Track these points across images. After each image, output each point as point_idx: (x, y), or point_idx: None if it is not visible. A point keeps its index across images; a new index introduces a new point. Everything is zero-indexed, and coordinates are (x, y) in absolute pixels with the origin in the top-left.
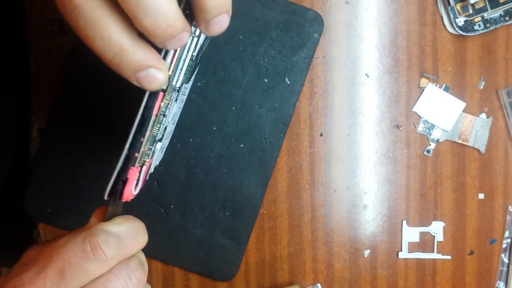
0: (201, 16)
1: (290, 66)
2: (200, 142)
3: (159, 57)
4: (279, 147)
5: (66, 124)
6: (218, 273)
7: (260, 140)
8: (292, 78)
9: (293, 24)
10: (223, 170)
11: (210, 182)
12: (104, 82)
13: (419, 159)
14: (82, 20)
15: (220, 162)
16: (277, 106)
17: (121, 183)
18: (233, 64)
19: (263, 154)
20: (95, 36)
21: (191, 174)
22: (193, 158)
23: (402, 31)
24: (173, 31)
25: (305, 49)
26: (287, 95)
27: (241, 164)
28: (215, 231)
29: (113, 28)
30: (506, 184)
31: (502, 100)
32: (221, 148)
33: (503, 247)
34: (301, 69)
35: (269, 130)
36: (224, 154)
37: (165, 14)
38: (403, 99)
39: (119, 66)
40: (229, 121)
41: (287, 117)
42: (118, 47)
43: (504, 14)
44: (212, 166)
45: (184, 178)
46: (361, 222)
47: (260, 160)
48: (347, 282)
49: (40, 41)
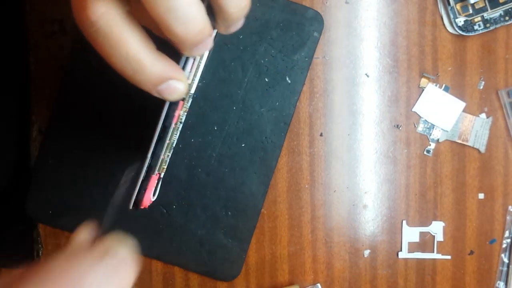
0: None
1: (291, 65)
2: (201, 142)
3: (178, 68)
4: (280, 146)
5: (66, 124)
6: (221, 273)
7: (261, 140)
8: (293, 77)
9: (293, 23)
10: (225, 170)
11: (211, 182)
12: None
13: (419, 159)
14: (100, 37)
15: (221, 162)
16: (278, 106)
17: (143, 191)
18: (233, 63)
19: (264, 154)
20: (113, 53)
21: (192, 174)
22: (194, 158)
23: (402, 31)
24: (202, 37)
25: (305, 48)
26: (287, 94)
27: (243, 164)
28: (217, 231)
29: (132, 44)
30: (506, 184)
31: (502, 100)
32: (223, 148)
33: (503, 247)
34: (302, 68)
35: (270, 129)
36: (226, 154)
37: (196, 20)
38: (403, 99)
39: (139, 81)
40: (230, 120)
41: (288, 116)
42: (137, 63)
43: (504, 14)
44: (213, 166)
45: (185, 178)
46: (361, 222)
47: (261, 160)
48: (347, 282)
49: (40, 41)
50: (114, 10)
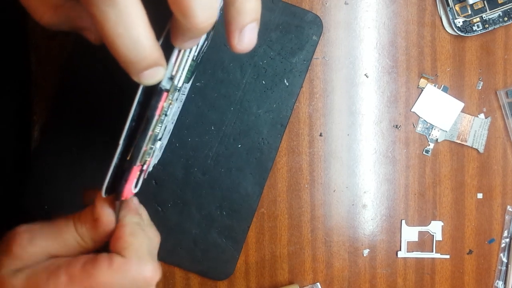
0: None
1: (289, 67)
2: (198, 141)
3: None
4: (276, 148)
5: (65, 123)
6: (214, 272)
7: (258, 141)
8: (291, 80)
9: (292, 26)
10: (221, 170)
11: (207, 182)
12: (104, 82)
13: (418, 159)
14: (114, 13)
15: (218, 162)
16: (275, 107)
17: (123, 182)
18: (232, 64)
19: (260, 155)
20: (123, 34)
21: (189, 173)
22: (191, 158)
23: (401, 32)
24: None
25: (304, 51)
26: (285, 96)
27: (239, 164)
28: (212, 230)
29: (143, 28)
30: (505, 184)
31: (501, 101)
32: (219, 148)
33: (502, 247)
34: (300, 71)
35: (266, 131)
36: (222, 154)
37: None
38: (402, 100)
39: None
40: (227, 121)
41: (285, 118)
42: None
43: (502, 14)
44: (210, 165)
45: (182, 177)
46: (361, 221)
47: (257, 161)
48: (346, 281)
49: (42, 41)
50: None
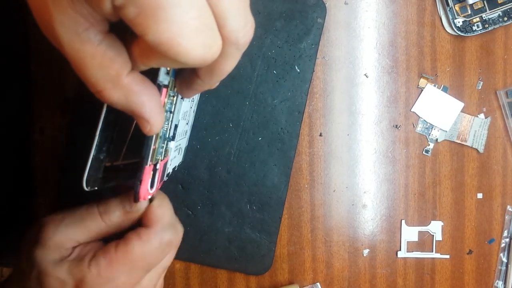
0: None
1: (298, 54)
2: (219, 140)
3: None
4: (297, 135)
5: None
6: (253, 267)
7: (278, 131)
8: (302, 66)
9: (295, 12)
10: (245, 165)
11: (233, 179)
12: None
13: (418, 159)
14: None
15: (240, 157)
16: (290, 95)
17: (138, 183)
18: (241, 59)
19: (282, 145)
20: (101, 77)
21: (213, 173)
22: (213, 157)
23: (401, 32)
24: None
25: (310, 35)
26: (298, 83)
27: (262, 157)
28: (244, 226)
29: (123, 69)
30: (505, 184)
31: (501, 100)
32: (240, 144)
33: (502, 247)
34: (309, 56)
35: (285, 120)
36: (244, 150)
37: None
38: (402, 99)
39: (98, 87)
40: (244, 116)
41: (301, 105)
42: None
43: (502, 14)
44: (233, 162)
45: (207, 178)
46: (360, 221)
47: (280, 151)
48: (346, 281)
49: (42, 42)
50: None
